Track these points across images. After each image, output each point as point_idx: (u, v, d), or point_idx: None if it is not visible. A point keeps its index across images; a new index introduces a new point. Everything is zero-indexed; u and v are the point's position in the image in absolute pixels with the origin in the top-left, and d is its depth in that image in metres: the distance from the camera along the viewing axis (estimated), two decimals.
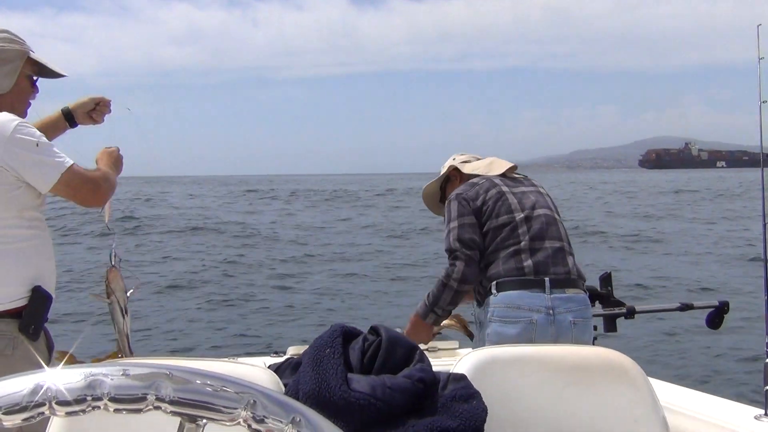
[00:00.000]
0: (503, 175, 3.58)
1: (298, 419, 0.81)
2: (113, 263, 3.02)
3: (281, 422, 0.80)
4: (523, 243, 3.25)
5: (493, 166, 3.65)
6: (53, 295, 2.78)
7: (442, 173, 3.82)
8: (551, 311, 3.14)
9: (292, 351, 3.30)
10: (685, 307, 4.03)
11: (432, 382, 1.80)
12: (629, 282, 12.71)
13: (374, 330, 1.91)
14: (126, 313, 3.00)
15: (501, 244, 3.29)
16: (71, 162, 2.70)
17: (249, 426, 0.80)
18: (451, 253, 3.34)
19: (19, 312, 2.65)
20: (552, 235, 3.33)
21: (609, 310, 3.73)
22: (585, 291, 3.34)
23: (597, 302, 3.78)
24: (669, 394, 2.79)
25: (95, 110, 3.15)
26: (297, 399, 1.15)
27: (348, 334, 1.89)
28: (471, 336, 3.62)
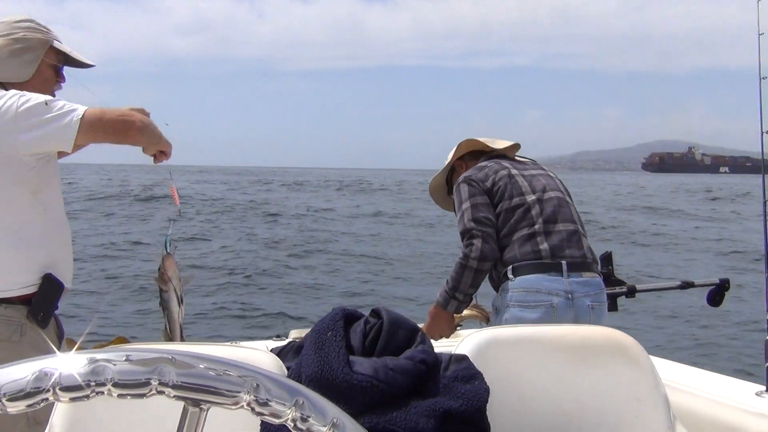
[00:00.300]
0: (510, 159, 3.53)
1: (301, 402, 0.81)
2: (168, 250, 2.90)
3: (284, 405, 0.81)
4: (537, 226, 3.19)
5: (496, 142, 3.61)
6: (66, 284, 2.75)
7: (447, 163, 3.75)
8: (570, 295, 3.10)
9: (294, 334, 3.31)
10: (686, 285, 4.04)
11: (434, 364, 1.80)
12: None
13: (375, 312, 1.92)
14: (182, 301, 2.92)
15: (514, 227, 3.22)
16: (85, 107, 2.59)
17: (252, 409, 0.81)
18: (466, 233, 3.23)
19: (29, 299, 2.64)
20: (565, 217, 3.28)
21: (610, 289, 3.73)
22: (600, 274, 3.31)
23: None
24: (671, 372, 2.81)
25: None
26: (300, 382, 1.15)
27: (349, 317, 1.89)
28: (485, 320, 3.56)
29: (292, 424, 0.81)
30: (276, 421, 0.81)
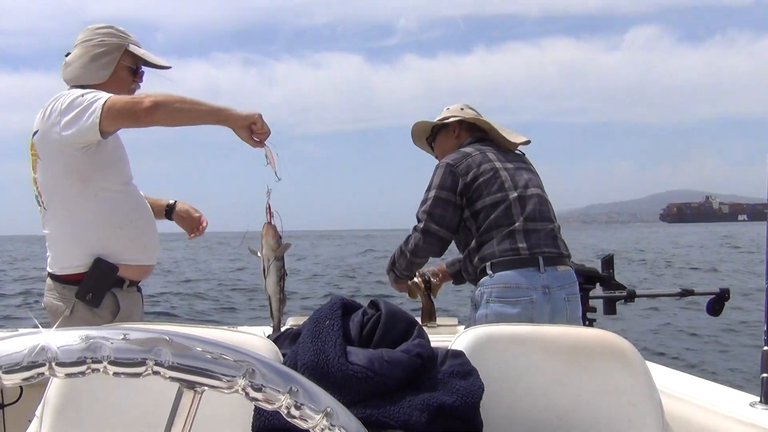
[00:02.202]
0: (497, 148, 3.51)
1: (295, 389, 0.81)
2: (269, 219, 2.79)
3: (279, 392, 0.81)
4: (517, 224, 3.23)
5: (500, 133, 3.55)
6: (129, 262, 2.97)
7: (442, 117, 3.70)
8: (547, 290, 3.16)
9: (292, 321, 3.31)
10: (686, 293, 4.04)
11: (430, 358, 1.80)
12: None
13: (374, 304, 1.92)
14: (284, 275, 2.81)
15: (494, 223, 3.24)
16: (108, 96, 2.76)
17: (247, 394, 0.81)
18: (417, 221, 3.38)
19: (81, 279, 2.88)
20: (544, 216, 3.33)
21: (609, 293, 3.73)
22: (572, 267, 3.37)
23: (598, 284, 3.78)
24: (665, 378, 2.80)
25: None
26: (295, 369, 1.15)
27: (348, 307, 1.89)
28: (425, 304, 3.70)
29: (286, 411, 0.81)
30: (269, 407, 0.81)
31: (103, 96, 2.75)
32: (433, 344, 1.87)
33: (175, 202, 3.46)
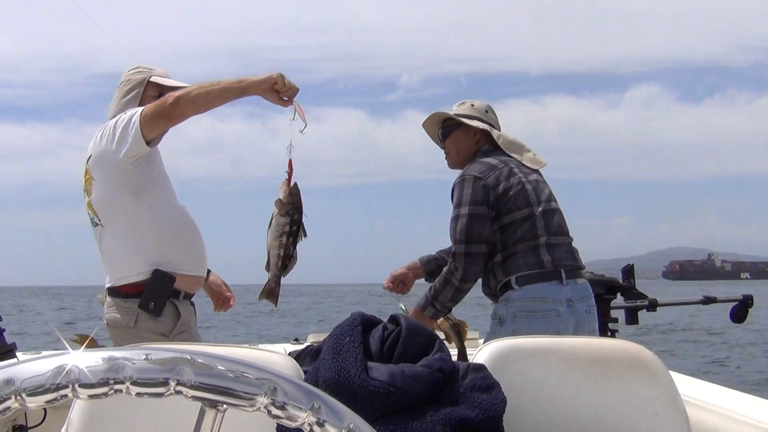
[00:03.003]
0: (516, 160, 3.45)
1: (318, 406, 0.81)
2: (288, 175, 2.80)
3: (301, 409, 0.81)
4: (542, 238, 3.22)
5: (525, 155, 3.48)
6: (185, 272, 3.10)
7: (465, 113, 3.52)
8: (571, 302, 3.15)
9: (312, 338, 3.31)
10: (708, 301, 4.00)
11: (451, 372, 1.80)
12: None
13: (394, 319, 1.92)
14: (291, 233, 2.82)
15: (521, 238, 3.22)
16: (143, 108, 2.97)
17: (269, 412, 0.81)
18: (457, 250, 3.24)
19: (142, 290, 3.02)
20: (564, 230, 3.35)
21: (631, 303, 3.71)
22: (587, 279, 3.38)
23: (619, 294, 3.76)
24: (690, 387, 2.78)
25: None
26: (317, 386, 1.15)
27: (368, 323, 1.89)
28: (453, 340, 3.38)
29: (308, 428, 0.81)
30: (292, 424, 0.81)
31: (138, 109, 2.96)
32: (453, 358, 1.87)
33: (209, 271, 3.55)
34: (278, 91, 2.77)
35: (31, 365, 0.77)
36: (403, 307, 3.30)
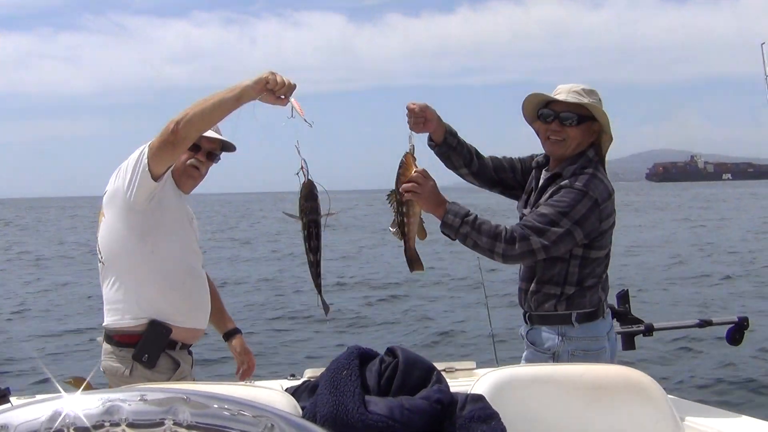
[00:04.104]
0: None
1: None
2: (307, 177, 2.66)
3: None
4: (604, 276, 3.13)
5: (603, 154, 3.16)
6: (181, 325, 3.05)
7: (595, 101, 3.09)
8: (608, 335, 3.09)
9: (309, 373, 3.28)
10: (704, 324, 3.99)
11: (450, 403, 1.79)
12: None
13: (391, 351, 1.91)
14: (314, 238, 2.67)
15: (593, 273, 3.06)
16: (149, 142, 2.91)
17: None
18: (533, 236, 2.90)
19: (137, 341, 2.99)
20: None
21: (627, 328, 3.70)
22: None
23: (615, 320, 3.75)
24: (689, 411, 2.76)
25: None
26: (315, 422, 1.14)
27: (364, 356, 1.88)
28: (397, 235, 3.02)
29: None
30: None
31: (147, 144, 2.90)
32: (452, 389, 1.86)
33: (236, 333, 3.54)
34: (273, 90, 2.66)
35: (25, 410, 0.76)
36: (412, 144, 2.97)
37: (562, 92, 3.08)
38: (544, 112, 3.11)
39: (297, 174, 2.67)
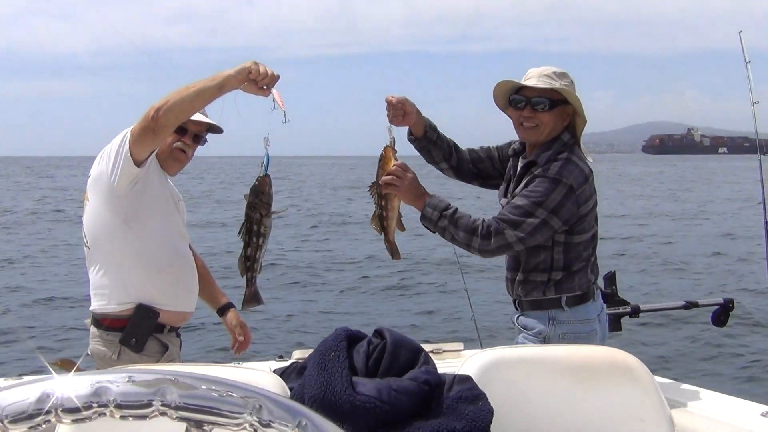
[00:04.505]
0: None
1: (304, 423, 0.81)
2: (266, 171, 2.68)
3: (287, 426, 0.80)
4: (592, 258, 3.12)
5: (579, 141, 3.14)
6: (167, 308, 3.05)
7: (566, 84, 3.06)
8: (599, 317, 3.09)
9: (297, 355, 3.29)
10: (690, 306, 4.03)
11: (437, 384, 1.80)
12: None
13: (379, 333, 1.91)
14: (260, 233, 2.71)
15: (583, 258, 3.06)
16: (132, 128, 2.90)
17: (255, 431, 0.80)
18: (508, 231, 2.89)
19: (124, 325, 3.00)
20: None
21: (614, 310, 3.73)
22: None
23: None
24: (675, 392, 2.79)
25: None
26: (303, 403, 1.14)
27: (352, 338, 1.89)
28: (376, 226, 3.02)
29: None
30: None
31: (129, 129, 2.88)
32: (439, 370, 1.87)
33: (230, 307, 3.53)
34: (255, 80, 2.64)
35: (12, 392, 0.76)
36: (393, 137, 2.95)
37: (533, 77, 3.05)
38: (515, 98, 3.08)
39: (260, 165, 2.69)
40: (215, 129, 3.21)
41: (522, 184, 3.05)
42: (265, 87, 2.65)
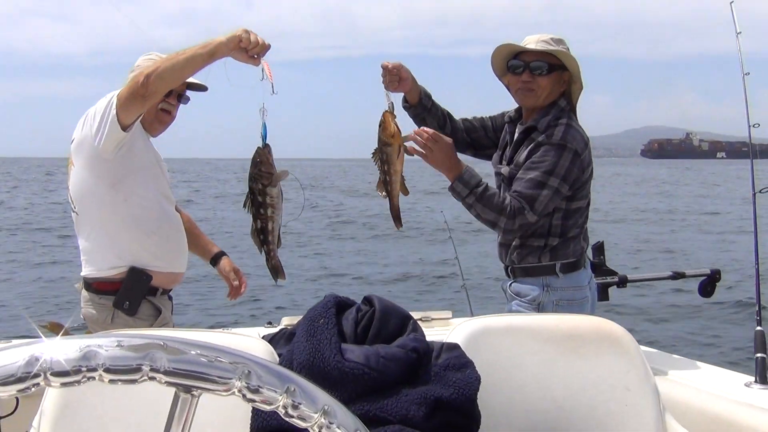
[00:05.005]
0: None
1: (292, 389, 0.81)
2: (265, 141, 2.62)
3: (276, 392, 0.81)
4: (585, 225, 3.15)
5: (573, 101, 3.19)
6: (162, 270, 3.07)
7: (563, 49, 3.08)
8: (589, 284, 3.12)
9: (286, 321, 3.31)
10: (677, 276, 4.05)
11: (425, 352, 1.81)
12: None
13: (368, 300, 1.92)
14: (267, 204, 2.64)
15: (576, 224, 3.08)
16: (119, 90, 2.89)
17: (244, 396, 0.81)
18: (529, 212, 2.91)
19: (117, 289, 3.01)
20: None
21: (601, 279, 3.74)
22: None
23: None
24: (661, 362, 2.82)
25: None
26: (291, 369, 1.15)
27: (341, 305, 1.89)
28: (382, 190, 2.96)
29: (284, 411, 0.81)
30: (267, 407, 0.81)
31: (115, 92, 2.86)
32: (428, 338, 1.88)
33: (222, 255, 3.52)
34: (246, 48, 2.61)
35: (1, 355, 0.76)
36: (391, 102, 2.94)
37: (531, 42, 3.06)
38: (514, 63, 3.09)
39: (261, 137, 2.63)
40: (197, 86, 3.20)
41: (524, 149, 3.06)
42: (256, 56, 2.62)
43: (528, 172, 2.98)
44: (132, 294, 3.01)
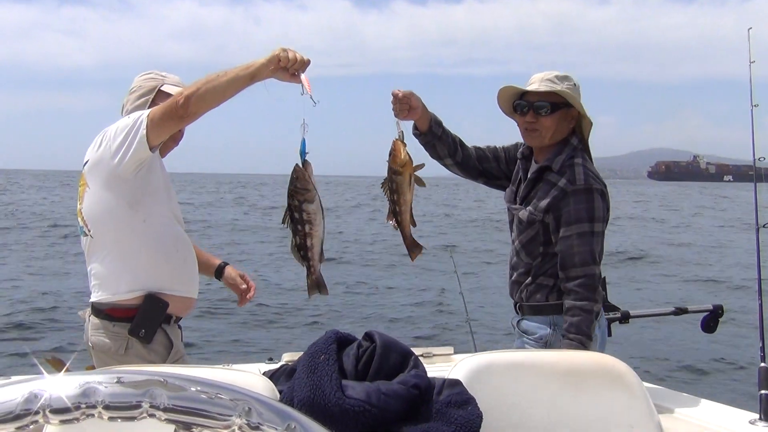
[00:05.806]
0: None
1: (293, 426, 0.80)
2: (305, 158, 2.58)
3: (276, 429, 0.80)
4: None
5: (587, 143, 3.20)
6: (176, 293, 2.99)
7: (570, 87, 3.08)
8: (599, 321, 3.04)
9: (287, 357, 3.29)
10: (680, 311, 4.03)
11: (427, 388, 1.80)
12: None
13: (368, 336, 1.91)
14: (304, 220, 2.60)
15: None
16: (150, 110, 2.86)
17: None
18: (589, 266, 2.92)
19: (132, 316, 2.91)
20: None
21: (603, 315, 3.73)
22: None
23: None
24: (664, 398, 2.80)
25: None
26: (292, 406, 1.14)
27: (342, 341, 1.89)
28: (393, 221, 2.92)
29: None
30: None
31: (145, 112, 2.84)
32: (429, 374, 1.87)
33: (226, 265, 3.50)
34: (286, 68, 2.60)
35: (1, 392, 0.76)
36: (401, 131, 2.91)
37: (535, 82, 3.07)
38: (518, 103, 3.10)
39: (302, 152, 2.60)
40: None
41: (541, 194, 3.05)
42: (296, 73, 2.61)
43: (570, 227, 2.95)
44: (149, 321, 2.91)
